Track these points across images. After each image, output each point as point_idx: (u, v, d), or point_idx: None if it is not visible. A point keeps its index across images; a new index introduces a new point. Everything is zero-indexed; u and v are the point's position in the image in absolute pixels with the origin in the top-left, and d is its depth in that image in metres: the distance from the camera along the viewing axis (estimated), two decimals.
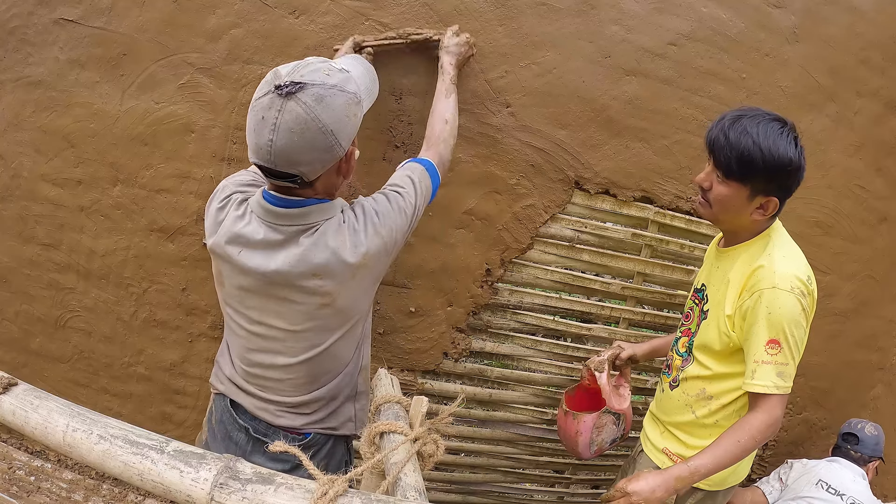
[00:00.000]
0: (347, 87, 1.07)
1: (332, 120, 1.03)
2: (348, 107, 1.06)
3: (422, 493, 0.93)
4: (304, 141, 1.02)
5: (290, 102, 1.01)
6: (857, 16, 1.93)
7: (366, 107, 1.14)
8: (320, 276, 1.13)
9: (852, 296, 2.22)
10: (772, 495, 2.09)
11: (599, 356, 1.74)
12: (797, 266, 1.34)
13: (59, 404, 0.99)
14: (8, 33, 1.84)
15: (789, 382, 1.32)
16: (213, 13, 1.73)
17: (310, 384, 1.27)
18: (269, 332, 1.22)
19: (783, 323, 1.28)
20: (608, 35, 1.80)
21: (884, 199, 2.15)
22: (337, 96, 1.04)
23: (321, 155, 1.05)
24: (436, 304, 1.96)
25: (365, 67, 1.22)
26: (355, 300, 1.21)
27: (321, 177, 1.11)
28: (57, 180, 1.91)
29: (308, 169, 1.06)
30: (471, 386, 2.11)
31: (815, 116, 1.98)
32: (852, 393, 2.42)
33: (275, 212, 1.14)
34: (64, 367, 2.10)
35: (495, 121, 1.82)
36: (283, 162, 1.04)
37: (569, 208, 1.94)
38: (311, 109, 1.01)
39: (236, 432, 1.30)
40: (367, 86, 1.17)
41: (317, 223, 1.14)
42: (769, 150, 1.24)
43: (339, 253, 1.13)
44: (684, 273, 2.06)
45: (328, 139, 1.03)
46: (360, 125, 1.15)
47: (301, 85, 1.01)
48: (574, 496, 2.41)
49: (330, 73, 1.06)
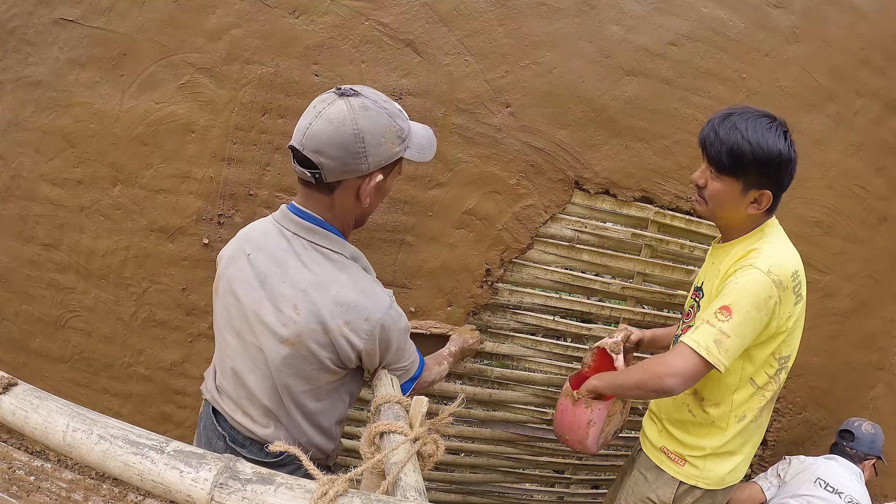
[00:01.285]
0: (397, 119, 1.13)
1: (367, 129, 1.08)
2: (388, 130, 1.11)
3: (422, 493, 0.93)
4: (336, 134, 1.07)
5: (341, 101, 1.08)
6: (857, 16, 1.93)
7: (409, 154, 1.17)
8: (296, 309, 1.13)
9: (852, 296, 2.22)
10: (769, 491, 2.09)
11: (613, 337, 1.70)
12: (785, 258, 1.35)
13: (59, 404, 0.99)
14: (8, 33, 1.84)
15: (721, 356, 1.27)
16: (213, 13, 1.73)
17: (271, 416, 1.23)
18: (243, 346, 1.22)
19: (742, 295, 1.29)
20: (608, 35, 1.80)
21: (884, 199, 2.15)
22: (382, 116, 1.10)
23: (345, 155, 1.08)
24: (436, 304, 1.96)
25: (427, 132, 1.25)
26: (319, 368, 1.18)
27: (341, 186, 1.14)
28: (57, 180, 1.91)
29: (329, 163, 1.09)
30: (471, 386, 2.11)
31: (815, 116, 1.98)
32: (852, 393, 2.42)
33: (293, 219, 1.18)
34: (64, 367, 2.10)
35: (495, 121, 1.82)
36: (311, 146, 1.08)
37: (569, 208, 1.94)
38: (354, 111, 1.07)
39: (216, 440, 1.31)
40: (420, 141, 1.20)
41: (325, 248, 1.17)
42: (758, 144, 1.27)
43: (321, 302, 1.13)
44: (684, 273, 2.06)
45: (357, 144, 1.08)
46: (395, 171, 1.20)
47: (357, 93, 1.10)
48: (574, 496, 2.41)
49: (388, 102, 1.14)
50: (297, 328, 1.14)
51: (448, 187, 1.86)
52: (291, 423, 1.24)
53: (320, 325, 1.14)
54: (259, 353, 1.20)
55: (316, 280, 1.14)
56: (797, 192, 2.00)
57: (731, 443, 1.48)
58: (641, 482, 1.62)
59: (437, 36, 1.75)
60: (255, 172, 1.82)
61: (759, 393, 1.44)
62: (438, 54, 1.76)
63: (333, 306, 1.13)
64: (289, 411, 1.22)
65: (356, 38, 1.74)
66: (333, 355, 1.17)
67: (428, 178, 1.84)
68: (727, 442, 1.48)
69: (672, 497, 1.54)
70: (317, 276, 1.15)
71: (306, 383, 1.20)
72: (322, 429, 1.28)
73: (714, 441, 1.48)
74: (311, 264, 1.16)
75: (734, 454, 1.51)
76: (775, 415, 2.31)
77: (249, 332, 1.20)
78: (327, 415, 1.27)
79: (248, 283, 1.19)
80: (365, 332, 1.16)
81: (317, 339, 1.15)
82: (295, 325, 1.14)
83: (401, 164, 1.22)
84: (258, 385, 1.22)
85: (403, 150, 1.16)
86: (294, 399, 1.21)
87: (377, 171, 1.13)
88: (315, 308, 1.13)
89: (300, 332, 1.14)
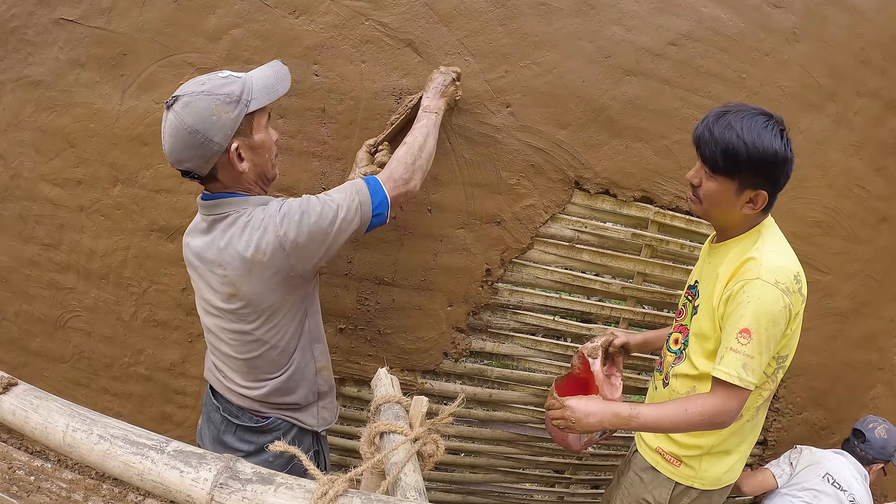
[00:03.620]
0: (218, 90, 1.21)
1: (196, 121, 1.18)
2: (213, 107, 1.19)
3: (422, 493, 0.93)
4: (179, 141, 1.20)
5: (169, 113, 1.20)
6: (857, 16, 1.93)
7: (255, 104, 1.24)
8: (222, 263, 1.27)
9: (852, 296, 2.22)
10: (781, 479, 2.11)
11: (593, 342, 1.72)
12: (786, 262, 1.33)
13: (59, 404, 0.99)
14: (8, 33, 1.84)
15: (753, 378, 1.30)
16: (213, 13, 1.73)
17: (253, 374, 1.37)
18: (214, 321, 1.37)
19: (759, 315, 1.28)
20: (608, 35, 1.80)
21: (884, 199, 2.15)
22: (202, 100, 1.19)
23: (197, 151, 1.20)
24: (436, 304, 1.96)
25: (273, 70, 1.32)
26: (261, 293, 1.29)
27: (218, 170, 1.26)
28: (57, 180, 1.91)
29: (193, 164, 1.23)
30: (471, 386, 2.11)
31: (815, 116, 1.98)
32: (852, 393, 2.42)
33: (202, 203, 1.32)
34: (64, 367, 2.10)
35: (495, 121, 1.82)
36: (175, 160, 1.23)
37: (569, 208, 1.94)
38: (179, 115, 1.19)
39: (213, 412, 1.45)
40: (265, 83, 1.28)
41: (228, 213, 1.28)
42: (753, 143, 1.25)
43: (235, 242, 1.26)
44: (684, 273, 2.06)
45: (196, 137, 1.19)
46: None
47: (176, 97, 1.20)
48: (574, 496, 2.41)
49: (204, 82, 1.22)
50: (230, 279, 1.27)
51: (448, 187, 1.86)
52: (270, 365, 1.37)
53: (245, 262, 1.25)
54: (220, 319, 1.34)
55: (229, 239, 1.27)
56: (797, 192, 2.00)
57: (726, 441, 1.48)
58: (637, 483, 1.62)
59: (437, 36, 1.75)
60: None
61: (755, 392, 1.44)
62: (438, 54, 1.76)
63: (245, 245, 1.25)
64: (264, 357, 1.35)
65: (356, 38, 1.74)
66: (269, 274, 1.27)
67: (429, 178, 1.84)
68: (723, 441, 1.48)
69: (668, 498, 1.54)
70: (228, 234, 1.27)
71: (264, 322, 1.31)
72: (300, 359, 1.40)
73: (710, 439, 1.48)
74: (224, 228, 1.28)
75: (730, 453, 1.51)
76: (775, 415, 2.31)
77: (208, 304, 1.35)
78: (296, 339, 1.39)
79: (193, 267, 1.36)
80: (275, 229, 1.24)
81: (249, 274, 1.26)
82: (226, 277, 1.27)
83: (262, 115, 1.28)
84: (233, 351, 1.36)
85: (245, 108, 1.23)
86: (262, 343, 1.33)
87: (231, 140, 1.22)
88: (234, 255, 1.25)
89: (234, 282, 1.27)
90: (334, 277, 1.90)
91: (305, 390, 1.44)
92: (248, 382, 1.39)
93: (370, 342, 1.99)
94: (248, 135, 1.25)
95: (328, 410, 1.52)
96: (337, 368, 2.01)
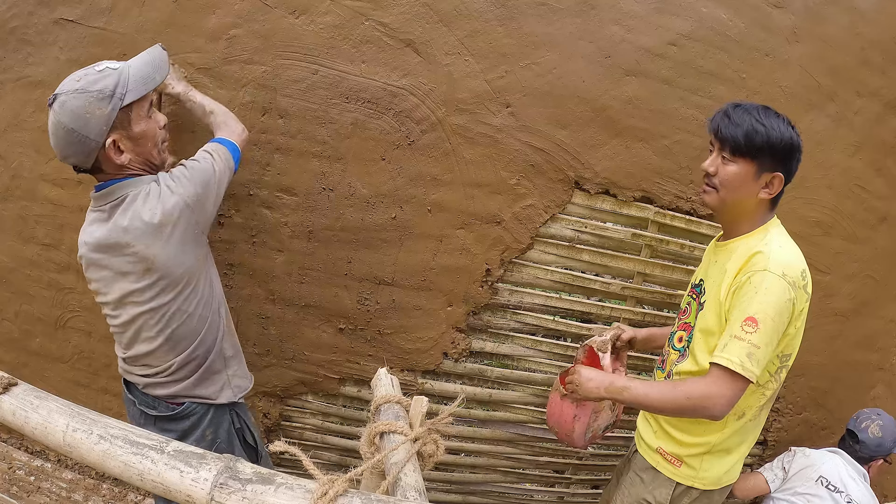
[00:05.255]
0: (92, 87, 1.25)
1: (71, 120, 1.23)
2: (87, 104, 1.23)
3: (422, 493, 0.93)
4: (60, 140, 1.26)
5: (50, 112, 1.25)
6: (857, 16, 1.93)
7: (131, 96, 1.28)
8: (129, 241, 1.31)
9: (852, 296, 2.22)
10: (774, 483, 2.09)
11: (602, 336, 1.71)
12: (793, 258, 1.36)
13: (59, 404, 0.99)
14: (8, 33, 1.84)
15: (756, 369, 1.29)
16: (213, 13, 1.73)
17: (171, 351, 1.41)
18: (129, 310, 1.38)
19: (766, 304, 1.29)
20: (608, 35, 1.80)
21: (884, 199, 2.15)
22: (76, 99, 1.23)
23: (76, 148, 1.26)
24: (436, 304, 1.96)
25: (151, 56, 1.36)
26: (175, 257, 1.35)
27: (101, 163, 1.31)
28: (57, 180, 1.91)
29: (76, 160, 1.29)
30: (471, 386, 2.11)
31: (815, 116, 1.98)
32: (852, 393, 2.42)
33: (96, 196, 1.36)
34: (64, 367, 2.10)
35: (495, 121, 1.82)
36: (61, 157, 1.29)
37: (569, 208, 1.94)
38: (57, 114, 1.24)
39: (131, 407, 1.49)
40: (142, 73, 1.31)
41: (124, 195, 1.33)
42: (771, 126, 1.33)
43: (139, 215, 1.30)
44: (684, 273, 2.06)
45: (73, 134, 1.24)
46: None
47: (55, 96, 1.25)
48: (574, 496, 2.41)
49: (80, 78, 1.26)
50: (141, 254, 1.31)
51: (448, 187, 1.86)
52: (189, 334, 1.41)
53: (153, 228, 1.30)
54: (135, 305, 1.36)
55: (133, 214, 1.31)
56: (797, 192, 2.00)
57: (728, 440, 1.48)
58: (637, 483, 1.62)
59: (437, 36, 1.75)
60: (255, 172, 1.82)
61: (759, 391, 1.44)
62: (438, 54, 1.76)
63: (150, 213, 1.31)
64: (184, 326, 1.40)
65: (356, 38, 1.74)
66: (178, 234, 1.33)
67: (429, 178, 1.85)
68: (725, 439, 1.48)
69: (668, 498, 1.54)
70: (130, 211, 1.32)
71: (181, 290, 1.37)
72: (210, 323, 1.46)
73: (712, 438, 1.48)
74: (123, 209, 1.33)
75: (730, 453, 1.51)
76: (775, 415, 2.31)
77: (120, 296, 1.37)
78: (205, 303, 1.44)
79: (94, 264, 1.37)
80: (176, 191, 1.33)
81: (159, 240, 1.31)
82: (137, 254, 1.31)
83: (142, 105, 1.32)
84: (153, 332, 1.38)
85: (120, 102, 1.26)
86: (182, 313, 1.38)
87: (105, 136, 1.27)
88: (141, 225, 1.30)
89: (146, 255, 1.31)
90: (334, 277, 1.90)
91: (214, 355, 1.49)
92: (166, 362, 1.42)
93: (370, 342, 1.99)
94: (127, 126, 1.30)
95: (239, 377, 1.56)
96: (337, 368, 2.01)
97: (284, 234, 1.86)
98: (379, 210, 1.85)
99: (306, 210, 1.84)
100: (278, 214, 1.85)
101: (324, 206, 1.84)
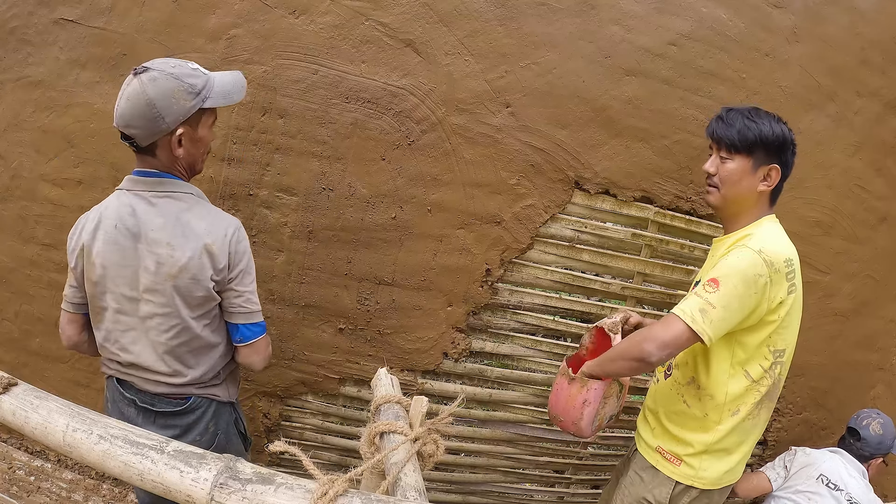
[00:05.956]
0: (186, 79, 1.29)
1: (156, 96, 1.26)
2: (177, 91, 1.28)
3: (422, 493, 0.93)
4: (134, 108, 1.27)
5: (135, 80, 1.27)
6: (857, 16, 1.93)
7: (210, 102, 1.34)
8: (169, 244, 1.31)
9: (852, 296, 2.22)
10: (776, 482, 2.10)
11: (612, 318, 1.69)
12: (777, 244, 1.40)
13: (59, 404, 0.99)
14: (8, 33, 1.84)
15: (707, 327, 1.32)
16: (213, 13, 1.73)
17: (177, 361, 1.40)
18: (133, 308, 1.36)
19: (732, 269, 1.34)
20: (608, 35, 1.80)
21: (884, 199, 2.15)
22: (169, 81, 1.27)
23: (147, 123, 1.28)
24: (436, 304, 1.96)
25: (233, 78, 1.41)
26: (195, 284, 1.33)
27: (157, 147, 1.32)
28: (57, 180, 1.91)
29: (137, 132, 1.30)
30: (471, 386, 2.11)
31: (815, 116, 1.98)
32: (852, 393, 2.42)
33: (143, 179, 1.36)
34: (64, 367, 2.10)
35: (495, 121, 1.82)
36: (123, 123, 1.29)
37: (569, 208, 1.94)
38: (144, 85, 1.26)
39: (126, 407, 1.45)
40: (224, 88, 1.37)
41: (171, 192, 1.35)
42: (762, 122, 1.42)
43: (191, 226, 1.32)
44: (684, 273, 2.06)
45: (152, 110, 1.27)
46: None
47: (147, 69, 1.28)
48: (574, 496, 2.41)
49: (175, 66, 1.30)
50: (175, 261, 1.31)
51: (448, 187, 1.86)
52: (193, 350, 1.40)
53: (190, 251, 1.31)
54: (148, 306, 1.34)
55: (176, 219, 1.33)
56: (797, 192, 2.00)
57: (726, 440, 1.48)
58: (637, 482, 1.62)
59: (437, 36, 1.75)
60: (255, 172, 1.82)
61: (753, 387, 1.44)
62: (438, 54, 1.76)
63: (194, 234, 1.32)
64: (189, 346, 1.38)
65: (356, 38, 1.74)
66: (208, 271, 1.34)
67: (429, 178, 1.85)
68: (722, 438, 1.48)
69: (668, 497, 1.54)
70: (175, 214, 1.33)
71: (196, 309, 1.36)
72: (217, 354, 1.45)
73: (708, 436, 1.48)
74: (167, 207, 1.34)
75: (730, 453, 1.51)
76: (775, 415, 2.31)
77: (135, 291, 1.35)
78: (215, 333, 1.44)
79: (120, 248, 1.33)
80: (223, 242, 1.34)
81: (192, 264, 1.31)
82: (172, 258, 1.31)
83: (211, 115, 1.37)
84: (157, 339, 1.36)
85: (201, 102, 1.31)
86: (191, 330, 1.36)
87: (179, 125, 1.30)
88: (182, 240, 1.31)
89: (178, 263, 1.31)
90: (334, 277, 1.90)
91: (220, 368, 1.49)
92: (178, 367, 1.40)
93: (370, 342, 1.99)
94: (195, 126, 1.35)
95: (232, 383, 1.57)
96: (337, 368, 2.01)
97: (284, 234, 1.86)
98: (379, 210, 1.86)
99: (306, 210, 1.84)
100: (278, 214, 1.85)
101: (324, 206, 1.84)
